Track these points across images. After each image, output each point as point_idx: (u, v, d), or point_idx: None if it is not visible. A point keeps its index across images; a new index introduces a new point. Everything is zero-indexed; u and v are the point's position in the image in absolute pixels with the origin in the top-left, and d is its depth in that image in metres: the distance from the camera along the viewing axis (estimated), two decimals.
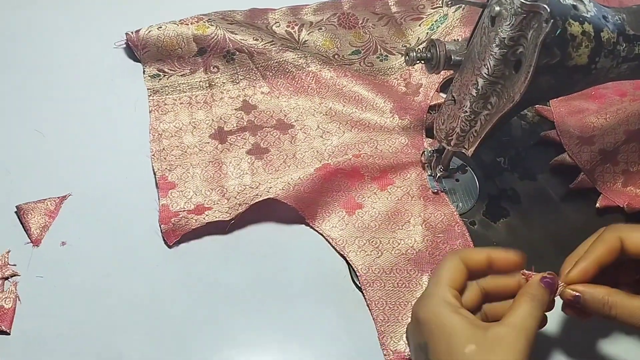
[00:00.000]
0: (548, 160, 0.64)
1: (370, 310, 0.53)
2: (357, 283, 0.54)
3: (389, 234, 0.57)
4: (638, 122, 0.63)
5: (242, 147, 0.62)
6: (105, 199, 0.57)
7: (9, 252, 0.52)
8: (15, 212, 0.55)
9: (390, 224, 0.58)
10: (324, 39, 0.72)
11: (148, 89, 0.65)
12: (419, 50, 0.55)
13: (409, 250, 0.56)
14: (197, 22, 0.67)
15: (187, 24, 0.67)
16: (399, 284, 0.54)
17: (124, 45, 0.69)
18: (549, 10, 0.44)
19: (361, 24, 0.74)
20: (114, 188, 0.58)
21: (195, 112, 0.65)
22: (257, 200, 0.56)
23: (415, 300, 0.45)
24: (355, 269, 0.55)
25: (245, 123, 0.64)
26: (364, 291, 0.54)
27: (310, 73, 0.67)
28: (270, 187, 0.57)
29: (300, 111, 0.66)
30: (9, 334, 0.48)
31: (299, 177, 0.58)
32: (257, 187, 0.58)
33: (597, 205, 0.61)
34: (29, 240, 0.53)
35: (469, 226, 0.59)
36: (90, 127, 0.62)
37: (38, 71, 0.66)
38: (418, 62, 0.56)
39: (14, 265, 0.52)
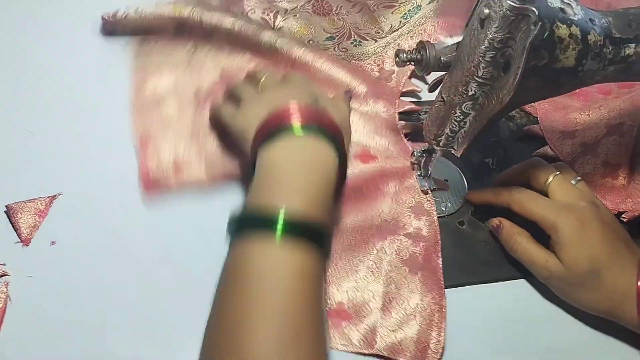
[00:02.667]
0: None
1: None
2: None
3: (360, 199, 0.59)
4: (619, 117, 0.64)
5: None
6: (95, 197, 0.56)
7: None
8: (5, 211, 0.54)
9: (364, 190, 0.59)
10: (299, 25, 0.73)
11: (136, 51, 0.67)
12: (409, 52, 0.56)
13: (374, 217, 0.58)
14: (174, 4, 0.67)
15: (164, 13, 0.67)
16: (356, 245, 0.56)
17: (102, 26, 0.69)
18: (537, 13, 0.44)
19: (335, 10, 0.76)
20: (104, 186, 0.57)
21: (179, 75, 0.66)
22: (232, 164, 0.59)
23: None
24: None
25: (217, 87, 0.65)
26: None
27: (285, 55, 0.68)
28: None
29: None
30: None
31: None
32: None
33: None
34: (19, 240, 0.53)
35: (458, 226, 0.60)
36: (80, 124, 0.62)
37: (24, 68, 0.66)
38: (408, 63, 0.56)
39: (4, 264, 0.51)
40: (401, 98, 0.69)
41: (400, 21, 0.76)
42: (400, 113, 0.67)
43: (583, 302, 0.52)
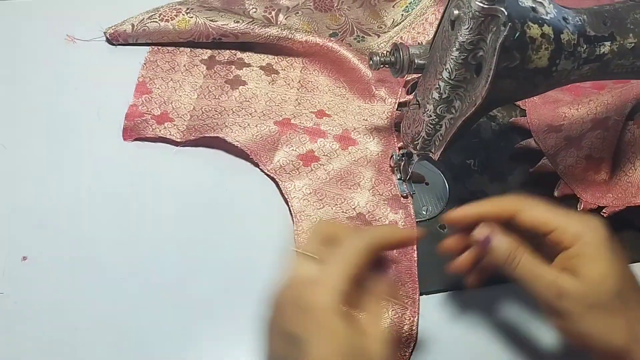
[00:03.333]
0: (518, 163, 0.64)
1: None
2: None
3: (337, 190, 0.59)
4: (605, 112, 0.63)
5: (224, 77, 0.67)
6: (67, 212, 0.56)
7: None
8: None
9: (341, 182, 0.60)
10: (302, 22, 0.74)
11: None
12: (382, 55, 0.55)
13: (349, 210, 0.58)
14: (177, 15, 0.67)
15: (168, 20, 0.67)
16: None
17: (104, 40, 0.69)
18: (506, 13, 0.43)
19: (336, 6, 0.77)
20: (76, 200, 0.56)
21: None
22: (211, 135, 0.60)
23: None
24: (292, 212, 0.57)
25: (235, 59, 0.70)
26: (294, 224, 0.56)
27: (297, 42, 0.69)
28: (230, 131, 0.61)
29: (289, 64, 0.70)
30: None
31: (260, 131, 0.61)
32: (221, 115, 0.63)
33: (556, 193, 0.61)
34: None
35: (440, 230, 0.59)
36: (52, 133, 0.61)
37: None
38: (382, 66, 0.55)
39: None
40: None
41: (402, 14, 0.76)
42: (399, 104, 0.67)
43: (599, 330, 0.42)
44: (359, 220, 0.57)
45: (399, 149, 0.62)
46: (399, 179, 0.60)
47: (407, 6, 0.76)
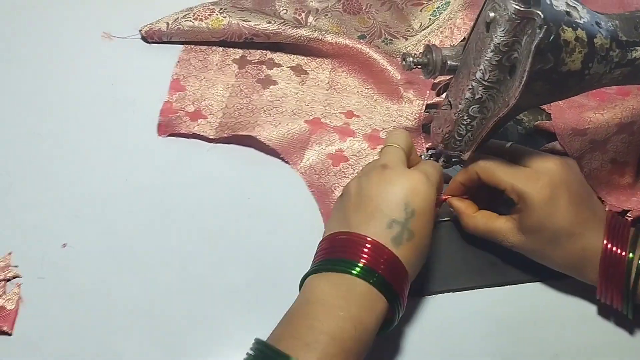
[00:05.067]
0: None
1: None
2: None
3: None
4: (631, 116, 0.64)
5: (255, 77, 0.69)
6: (104, 202, 0.57)
7: (10, 253, 0.53)
8: None
9: None
10: (331, 24, 0.76)
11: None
12: (415, 56, 0.56)
13: None
14: (210, 15, 0.69)
15: (202, 19, 0.69)
16: None
17: (139, 37, 0.71)
18: (542, 16, 0.45)
19: (365, 9, 0.79)
20: (115, 189, 0.58)
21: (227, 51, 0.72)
22: (243, 133, 0.62)
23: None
24: (321, 211, 0.59)
25: (266, 59, 0.71)
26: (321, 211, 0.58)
27: (327, 43, 0.70)
28: (262, 130, 0.62)
29: (319, 65, 0.72)
30: (10, 334, 0.49)
31: (291, 130, 0.63)
32: (252, 112, 0.65)
33: None
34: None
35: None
36: (89, 127, 0.63)
37: (34, 71, 0.67)
38: (415, 67, 0.56)
39: (16, 266, 0.52)
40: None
41: (430, 19, 0.77)
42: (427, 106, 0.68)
43: (544, 261, 0.54)
44: None
45: (427, 149, 0.63)
46: None
47: (434, 10, 0.78)
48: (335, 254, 0.46)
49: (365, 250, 0.45)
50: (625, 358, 0.53)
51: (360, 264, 0.44)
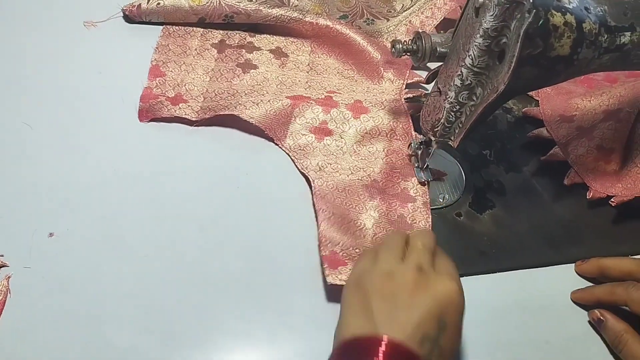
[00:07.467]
0: (533, 154, 0.66)
1: (316, 217, 0.56)
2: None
3: (351, 161, 0.61)
4: (618, 104, 0.64)
5: (235, 61, 0.69)
6: (92, 190, 0.57)
7: None
8: None
9: (354, 154, 0.62)
10: (313, 4, 0.75)
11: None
12: (404, 43, 0.56)
13: (365, 177, 0.60)
14: None
15: (184, 3, 0.69)
16: (347, 203, 0.58)
17: (121, 16, 0.71)
18: (531, 1, 0.44)
19: None
20: (103, 178, 0.58)
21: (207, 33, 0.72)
22: (225, 112, 0.62)
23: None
24: (311, 182, 0.59)
25: (245, 42, 0.71)
26: (314, 200, 0.58)
27: (307, 23, 0.71)
28: (245, 108, 0.62)
29: (298, 48, 0.72)
30: None
31: (274, 106, 0.62)
32: (233, 96, 0.64)
33: (565, 182, 0.63)
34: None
35: (456, 217, 0.60)
36: (78, 116, 0.62)
37: (21, 62, 0.67)
38: (404, 54, 0.56)
39: (2, 255, 0.52)
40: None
41: (412, 0, 0.78)
42: (406, 99, 0.68)
43: None
44: (374, 187, 0.59)
45: (416, 137, 0.63)
46: (416, 167, 0.61)
47: None
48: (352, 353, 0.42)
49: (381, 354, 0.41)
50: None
51: None
